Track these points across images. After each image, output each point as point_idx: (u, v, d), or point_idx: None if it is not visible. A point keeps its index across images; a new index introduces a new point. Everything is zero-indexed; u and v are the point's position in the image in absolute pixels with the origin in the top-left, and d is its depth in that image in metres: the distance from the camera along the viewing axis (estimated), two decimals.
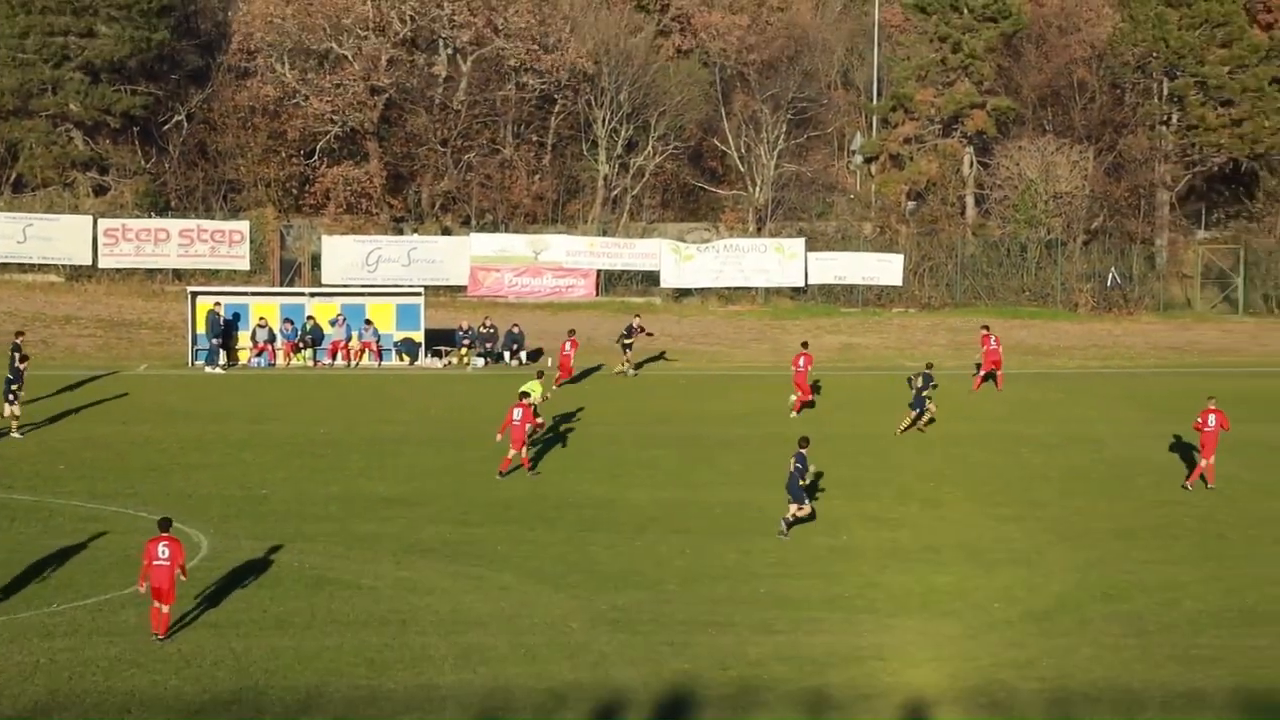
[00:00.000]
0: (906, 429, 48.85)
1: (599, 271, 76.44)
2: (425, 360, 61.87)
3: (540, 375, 48.21)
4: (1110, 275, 77.59)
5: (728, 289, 76.81)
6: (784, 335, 69.24)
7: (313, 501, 39.27)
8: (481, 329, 62.79)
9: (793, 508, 36.89)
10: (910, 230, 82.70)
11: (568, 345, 56.92)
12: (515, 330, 62.84)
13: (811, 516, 37.34)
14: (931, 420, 48.93)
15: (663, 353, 63.45)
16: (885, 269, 76.85)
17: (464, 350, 62.30)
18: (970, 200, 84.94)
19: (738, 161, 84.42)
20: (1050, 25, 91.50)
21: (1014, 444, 47.32)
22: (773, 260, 76.59)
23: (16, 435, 46.08)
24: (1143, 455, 45.73)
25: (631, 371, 59.84)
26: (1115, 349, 66.02)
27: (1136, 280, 77.91)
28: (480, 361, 61.75)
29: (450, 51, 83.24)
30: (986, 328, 58.87)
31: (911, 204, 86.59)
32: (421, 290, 64.28)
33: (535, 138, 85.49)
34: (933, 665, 27.81)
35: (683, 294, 77.11)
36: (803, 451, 37.22)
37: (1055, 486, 41.99)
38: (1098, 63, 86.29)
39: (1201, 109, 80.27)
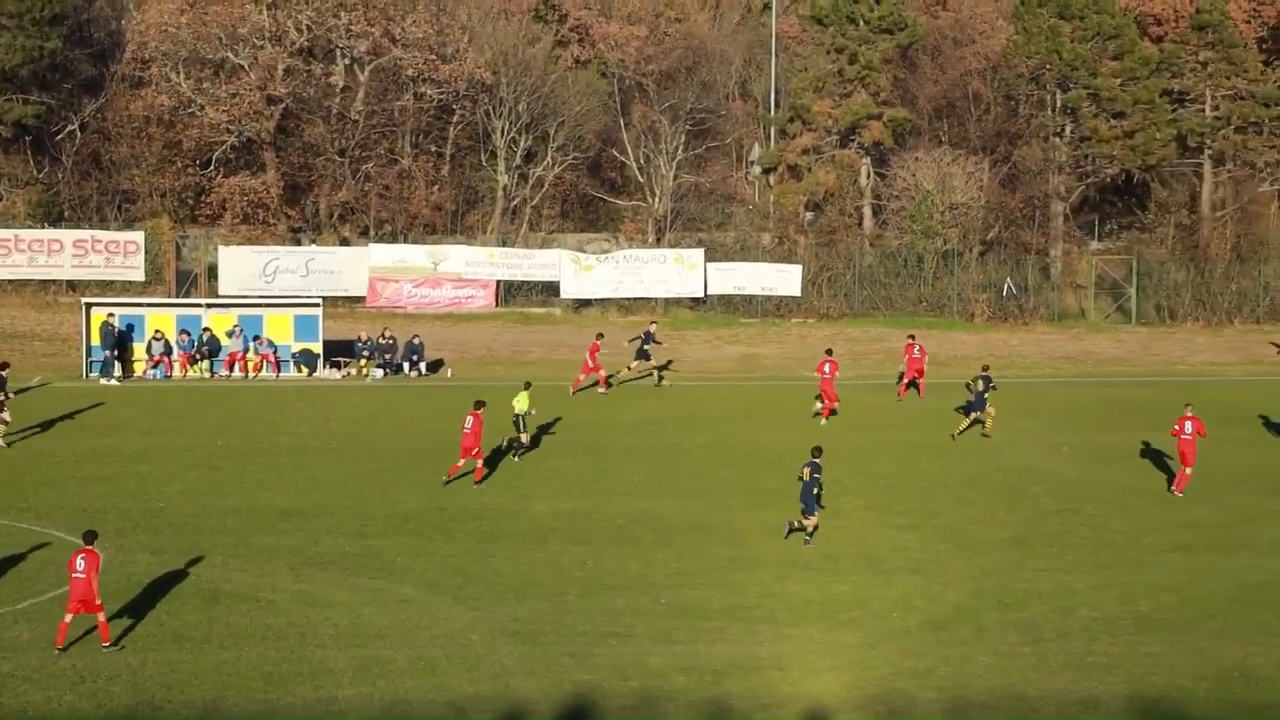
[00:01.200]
0: (964, 431, 49.60)
1: (499, 282, 76.34)
2: (324, 372, 61.48)
3: (528, 386, 47.73)
4: (1006, 285, 78.28)
5: (627, 299, 76.91)
6: (684, 345, 69.40)
7: (210, 514, 38.92)
8: (381, 340, 62.49)
9: (805, 519, 37.00)
10: (808, 241, 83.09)
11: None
12: (415, 341, 62.59)
13: (803, 529, 37.39)
14: (982, 423, 49.82)
15: (669, 362, 62.98)
16: (784, 279, 77.19)
17: (363, 362, 61.96)
18: (868, 211, 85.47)
19: (637, 172, 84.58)
20: (945, 37, 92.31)
21: (912, 453, 47.64)
22: (672, 271, 76.76)
23: None
24: (1038, 464, 46.14)
25: (666, 383, 60.17)
26: (1011, 358, 66.62)
27: (1031, 290, 78.64)
28: (379, 373, 61.45)
29: (347, 61, 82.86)
30: (912, 336, 59.36)
31: (810, 215, 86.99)
32: (320, 301, 63.89)
33: (434, 148, 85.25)
34: (831, 674, 27.95)
35: (582, 304, 77.12)
36: (817, 461, 37.46)
37: (952, 495, 42.30)
38: (992, 75, 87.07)
39: (1094, 121, 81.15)
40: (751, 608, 31.93)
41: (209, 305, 63.44)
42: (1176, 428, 42.96)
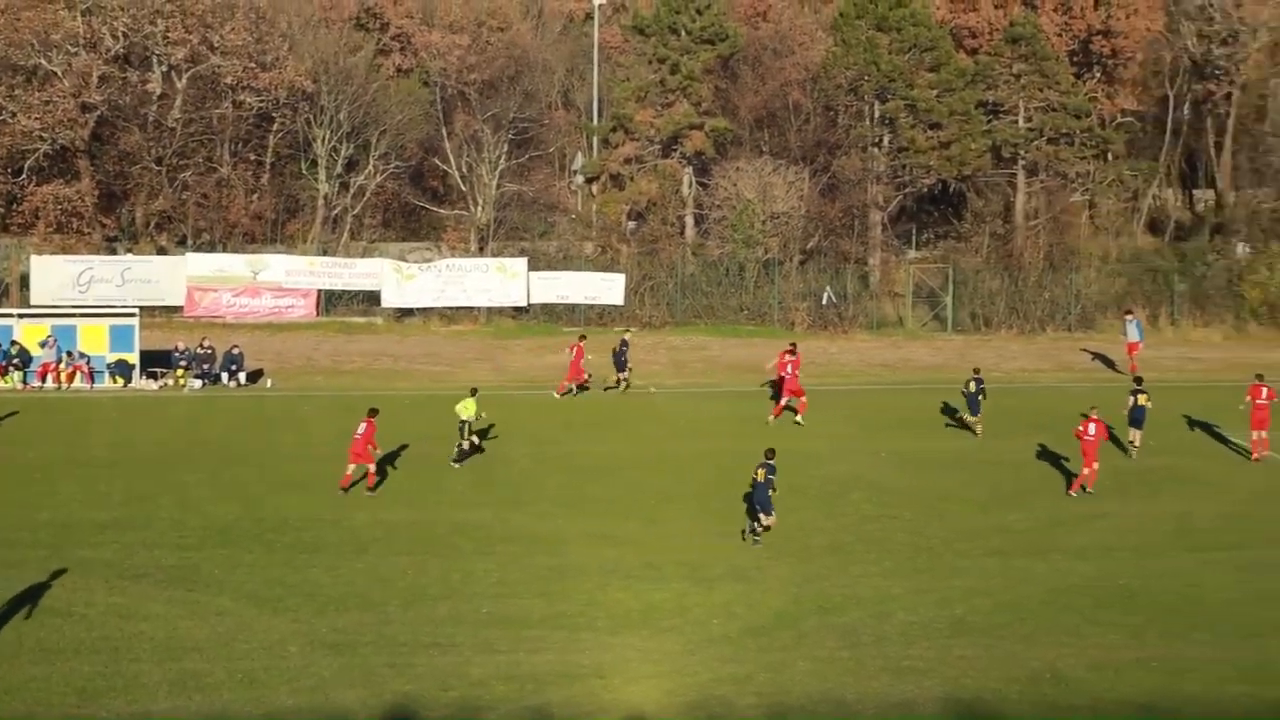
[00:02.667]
0: (978, 430, 51.89)
1: (319, 291, 75.65)
2: (140, 382, 60.52)
3: (474, 392, 48.02)
4: (825, 294, 79.08)
5: (450, 309, 76.60)
6: (506, 355, 69.33)
7: (23, 528, 38.17)
8: (199, 350, 61.66)
9: (763, 519, 37.73)
10: (631, 250, 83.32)
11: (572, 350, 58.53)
12: (234, 351, 61.83)
13: (754, 530, 38.11)
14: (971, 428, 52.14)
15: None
16: (607, 288, 77.37)
17: (180, 372, 61.09)
18: (690, 220, 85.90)
19: (459, 181, 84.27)
20: (766, 48, 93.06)
21: (734, 461, 47.86)
22: (495, 280, 76.61)
23: None
24: (858, 471, 46.66)
25: (647, 388, 60.71)
26: (831, 366, 67.27)
27: (851, 299, 79.49)
28: (197, 383, 60.61)
29: (165, 69, 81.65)
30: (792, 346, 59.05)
31: (632, 224, 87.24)
32: (136, 311, 62.85)
33: (253, 156, 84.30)
34: (652, 681, 28.05)
35: (405, 314, 76.66)
36: (771, 462, 38.10)
37: (774, 503, 42.56)
38: (812, 85, 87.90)
39: (911, 131, 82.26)
40: (573, 616, 31.96)
41: (21, 315, 62.18)
42: (1080, 429, 44.19)
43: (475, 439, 47.61)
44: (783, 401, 54.93)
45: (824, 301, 78.84)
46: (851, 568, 35.95)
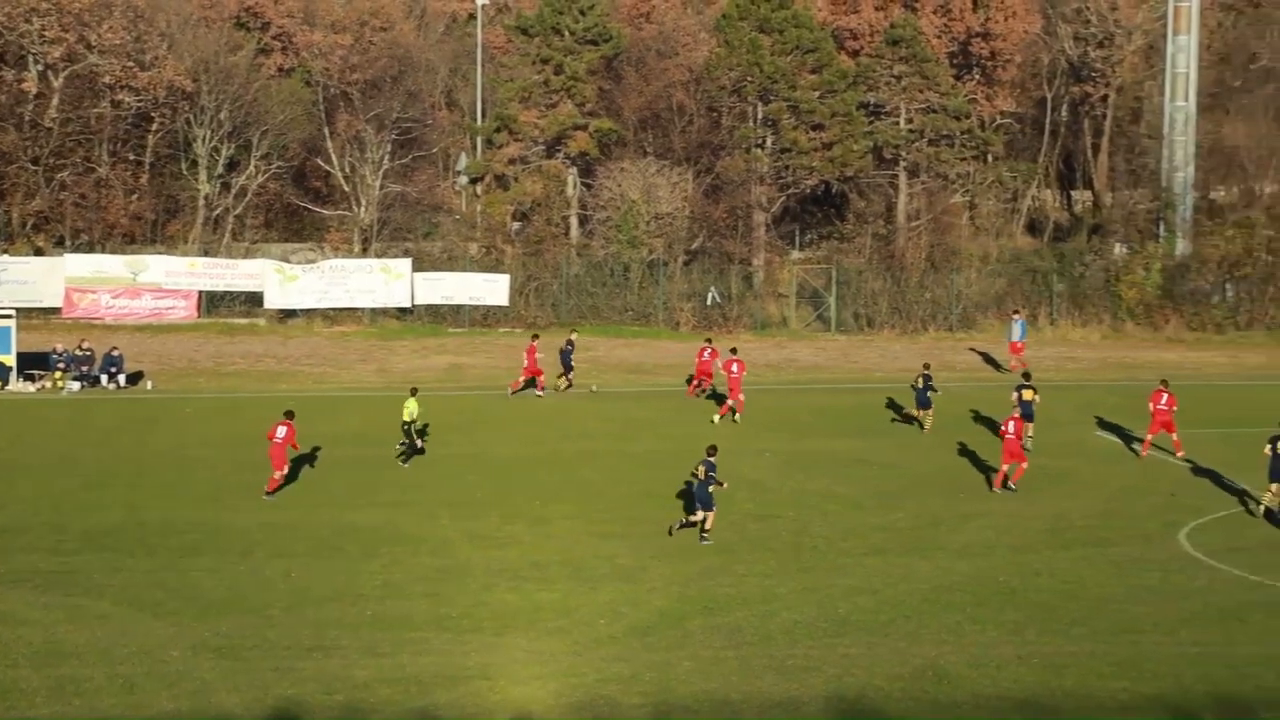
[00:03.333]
0: (925, 425, 53.08)
1: (200, 293, 74.98)
2: (17, 384, 59.70)
3: (414, 392, 48.17)
4: (710, 294, 79.40)
5: (333, 310, 76.19)
6: (391, 356, 69.08)
7: None
8: (78, 352, 60.96)
9: (703, 514, 38.28)
10: (516, 250, 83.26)
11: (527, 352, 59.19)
12: (114, 353, 61.18)
13: (693, 524, 38.59)
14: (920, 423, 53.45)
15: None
16: (491, 289, 77.25)
17: (59, 374, 60.35)
18: (574, 221, 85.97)
19: (342, 181, 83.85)
20: (650, 49, 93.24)
21: (619, 461, 48.04)
22: (379, 281, 76.28)
23: None
24: (742, 471, 46.75)
25: (590, 386, 61.12)
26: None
27: (735, 299, 79.86)
28: (76, 385, 59.91)
29: (41, 67, 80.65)
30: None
31: (517, 224, 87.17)
32: (13, 312, 61.96)
33: (132, 156, 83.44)
34: (538, 682, 28.04)
35: (287, 315, 76.15)
36: (712, 460, 38.52)
37: (659, 503, 42.69)
38: (695, 86, 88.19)
39: (794, 132, 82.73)
40: (458, 618, 31.88)
41: None
42: (1004, 428, 44.88)
43: (420, 440, 47.71)
44: (729, 401, 55.56)
45: (708, 302, 79.16)
46: (736, 567, 36.08)
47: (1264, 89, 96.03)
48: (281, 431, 42.56)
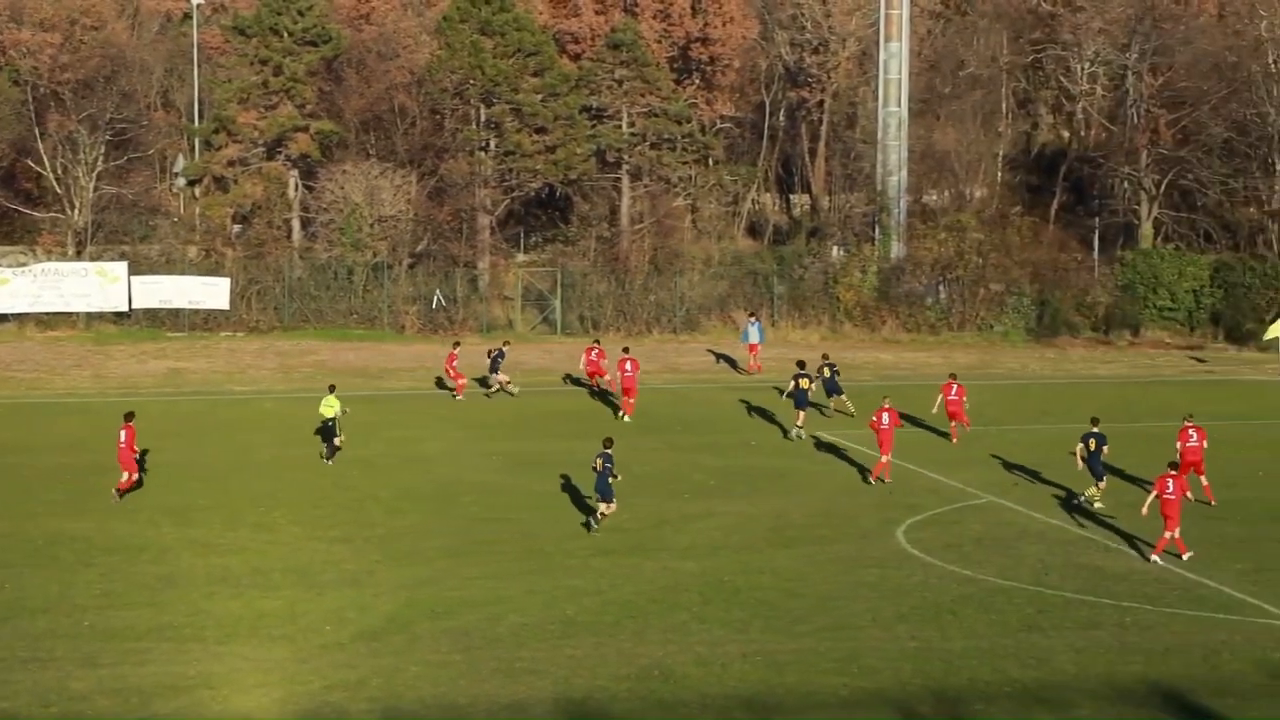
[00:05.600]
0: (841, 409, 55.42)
1: None
2: None
3: (332, 389, 48.51)
4: (435, 297, 79.15)
5: (47, 314, 74.31)
6: (107, 361, 67.62)
7: None
8: None
9: (603, 506, 39.11)
10: (236, 253, 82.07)
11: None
12: None
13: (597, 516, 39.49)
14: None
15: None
16: (212, 292, 76.06)
17: None
18: (296, 223, 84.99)
19: (55, 183, 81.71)
20: (370, 51, 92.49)
21: (344, 466, 47.62)
22: (94, 284, 74.59)
23: None
24: (468, 474, 46.83)
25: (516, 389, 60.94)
26: (439, 369, 67.18)
27: (461, 302, 79.72)
28: None
29: None
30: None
31: (237, 227, 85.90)
32: None
33: None
34: (262, 690, 27.69)
35: None
36: (608, 451, 39.47)
37: (385, 506, 42.50)
38: (418, 89, 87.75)
39: (518, 135, 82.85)
40: (180, 627, 31.32)
41: None
42: (875, 419, 46.36)
43: (337, 436, 47.96)
44: (630, 400, 56.46)
45: (434, 305, 78.89)
46: (463, 570, 36.04)
47: (972, 95, 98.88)
48: (123, 435, 42.35)
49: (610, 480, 39.27)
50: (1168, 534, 37.07)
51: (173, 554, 37.10)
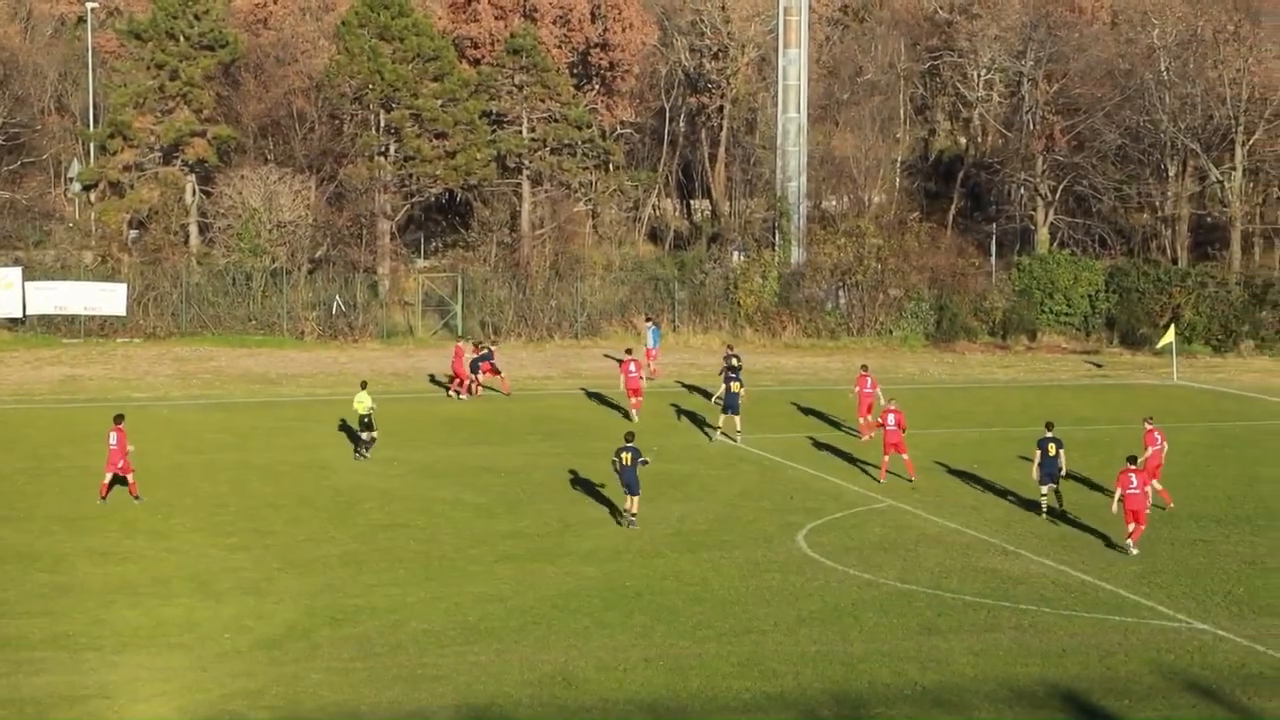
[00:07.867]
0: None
1: None
2: None
3: (364, 385, 49.79)
4: (335, 303, 78.74)
5: None
6: (1, 368, 66.78)
7: None
8: None
9: (630, 501, 40.64)
10: (133, 259, 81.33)
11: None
12: None
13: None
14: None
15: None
16: (108, 298, 75.32)
17: None
18: (194, 229, 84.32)
19: None
20: (268, 55, 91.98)
21: (243, 473, 47.29)
22: None
23: None
24: (369, 481, 46.59)
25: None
26: (341, 376, 66.88)
27: (361, 308, 79.33)
28: None
29: None
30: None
31: (134, 232, 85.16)
32: None
33: None
34: (161, 699, 27.42)
35: None
36: (632, 445, 40.65)
37: (284, 514, 42.21)
38: (316, 94, 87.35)
39: (417, 141, 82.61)
40: (77, 636, 30.96)
41: None
42: (881, 419, 47.41)
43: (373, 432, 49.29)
44: (638, 399, 56.82)
45: (334, 311, 78.47)
46: (364, 577, 35.84)
47: (871, 101, 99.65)
48: (114, 438, 42.68)
49: (639, 471, 40.36)
50: (1131, 525, 38.29)
51: (68, 562, 36.67)
